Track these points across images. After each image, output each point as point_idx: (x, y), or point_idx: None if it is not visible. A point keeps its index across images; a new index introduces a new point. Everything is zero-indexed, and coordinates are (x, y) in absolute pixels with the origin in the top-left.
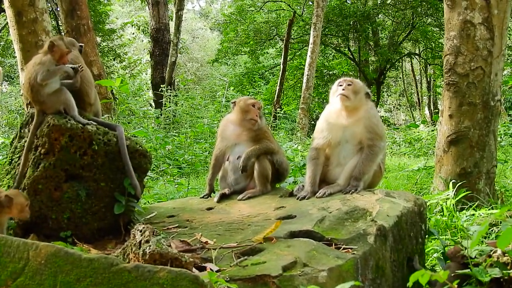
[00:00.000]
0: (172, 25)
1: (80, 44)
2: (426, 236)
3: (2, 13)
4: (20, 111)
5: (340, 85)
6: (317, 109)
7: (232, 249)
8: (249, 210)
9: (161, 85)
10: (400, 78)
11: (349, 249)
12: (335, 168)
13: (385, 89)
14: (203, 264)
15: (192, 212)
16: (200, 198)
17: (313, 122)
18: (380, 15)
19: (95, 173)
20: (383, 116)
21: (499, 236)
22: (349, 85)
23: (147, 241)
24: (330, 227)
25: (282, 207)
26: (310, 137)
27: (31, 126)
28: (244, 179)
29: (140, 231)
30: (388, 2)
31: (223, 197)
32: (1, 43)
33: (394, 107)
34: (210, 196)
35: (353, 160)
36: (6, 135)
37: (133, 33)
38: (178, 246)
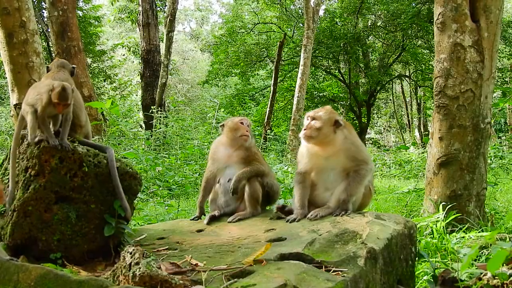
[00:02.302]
0: (162, 47)
1: (73, 65)
2: (416, 258)
3: None
4: (10, 132)
5: (307, 120)
6: None
7: (222, 271)
8: (239, 232)
9: (152, 107)
10: (390, 100)
11: (339, 272)
12: (324, 193)
13: (375, 111)
14: (193, 287)
15: (182, 234)
16: (190, 220)
17: None
18: (370, 37)
19: (85, 195)
20: (373, 138)
21: (489, 259)
22: (313, 120)
23: (137, 263)
24: (320, 250)
25: (272, 229)
26: None
27: (21, 148)
28: (235, 201)
29: (130, 253)
30: (378, 24)
31: (213, 219)
32: None
33: (384, 129)
34: (200, 218)
35: (341, 185)
36: None
37: (124, 55)
38: (168, 268)
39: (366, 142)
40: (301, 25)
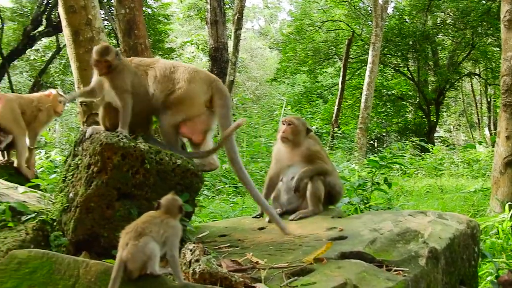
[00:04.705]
0: (230, 44)
1: None
2: (480, 258)
3: (60, 33)
4: (80, 129)
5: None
6: (376, 128)
7: (282, 269)
8: (300, 230)
9: None
10: (459, 98)
11: (400, 271)
12: None
13: (444, 109)
14: (253, 284)
15: (244, 231)
16: (252, 217)
17: (371, 142)
18: (439, 34)
19: (147, 191)
20: (442, 137)
21: None
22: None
23: (197, 260)
24: (382, 249)
25: (334, 227)
26: (368, 157)
27: (84, 144)
28: (297, 200)
29: (191, 250)
30: (447, 21)
31: None
32: (62, 62)
33: (453, 127)
34: (262, 216)
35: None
36: (66, 152)
37: (193, 52)
38: (228, 265)
39: (435, 140)
40: (370, 22)
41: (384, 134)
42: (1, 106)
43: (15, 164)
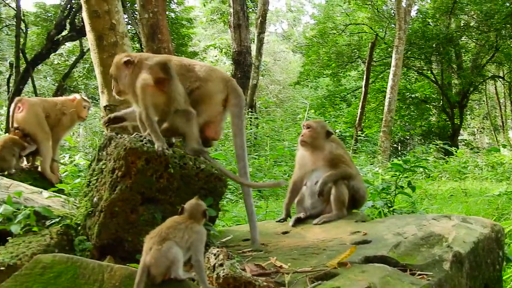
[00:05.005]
0: (254, 48)
1: None
2: (504, 263)
3: (84, 37)
4: (104, 133)
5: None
6: (399, 132)
7: (306, 273)
8: (324, 234)
9: None
10: (483, 101)
11: (424, 275)
12: None
13: (468, 112)
14: None
15: (268, 235)
16: (276, 221)
17: (395, 145)
18: (463, 37)
19: (171, 196)
20: (465, 140)
21: None
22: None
23: (221, 265)
24: (405, 253)
25: (358, 232)
26: (392, 160)
27: (108, 149)
28: (321, 204)
29: (214, 255)
30: (471, 24)
31: (299, 221)
32: (86, 66)
33: (477, 130)
34: (286, 220)
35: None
36: (90, 156)
37: (216, 56)
38: (252, 270)
39: (459, 143)
40: (393, 25)
41: (408, 137)
42: (24, 111)
43: (39, 169)
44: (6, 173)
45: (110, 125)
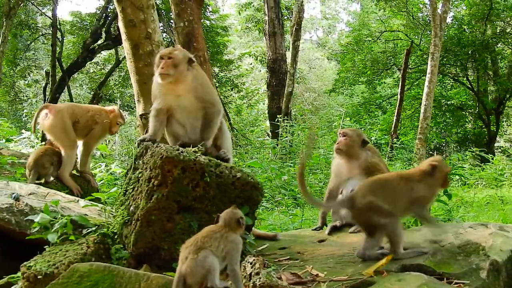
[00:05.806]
0: (289, 55)
1: None
2: None
3: (120, 45)
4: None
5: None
6: (435, 139)
7: (342, 282)
8: (360, 243)
9: (278, 115)
10: None
11: (461, 284)
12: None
13: (504, 119)
14: None
15: (304, 244)
16: (312, 230)
17: (431, 152)
18: (499, 44)
19: (207, 204)
20: (502, 147)
21: None
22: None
23: (257, 273)
24: (442, 261)
25: None
26: None
27: (144, 158)
28: None
29: (251, 263)
30: (507, 31)
31: (335, 230)
32: (122, 74)
33: None
34: (322, 229)
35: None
36: (126, 164)
37: (251, 64)
38: (288, 278)
39: (495, 150)
40: (428, 32)
41: (444, 144)
42: (51, 118)
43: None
44: (43, 181)
45: None
